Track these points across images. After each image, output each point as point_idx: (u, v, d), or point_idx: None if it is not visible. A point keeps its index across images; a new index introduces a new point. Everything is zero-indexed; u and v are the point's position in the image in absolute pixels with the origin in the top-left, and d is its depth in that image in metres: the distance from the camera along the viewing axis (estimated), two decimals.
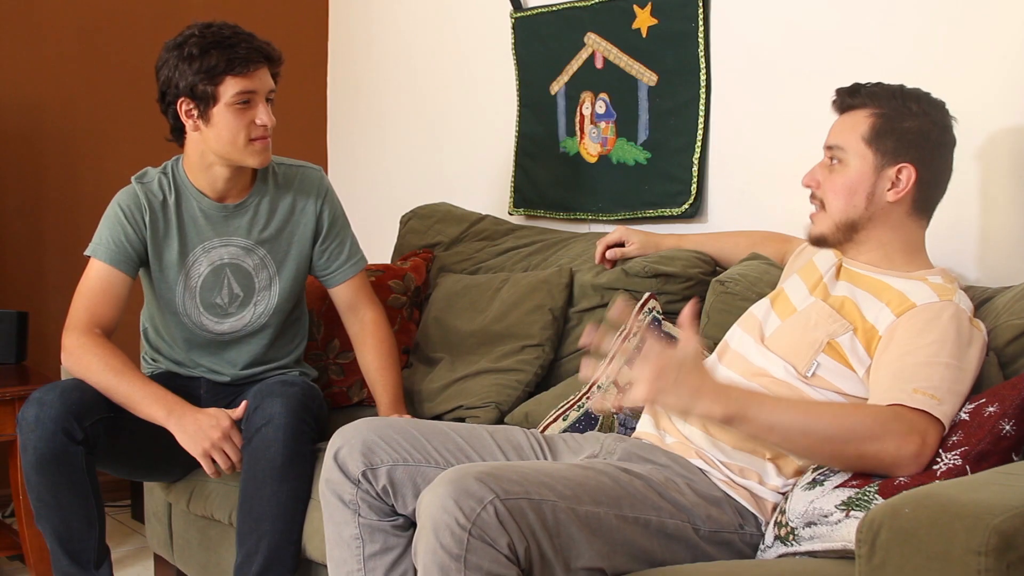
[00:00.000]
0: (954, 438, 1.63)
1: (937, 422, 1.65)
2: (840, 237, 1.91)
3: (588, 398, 2.27)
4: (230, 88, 2.32)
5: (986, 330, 1.81)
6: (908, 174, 1.85)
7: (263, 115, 2.36)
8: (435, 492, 1.60)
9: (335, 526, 1.95)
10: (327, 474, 1.95)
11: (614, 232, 2.53)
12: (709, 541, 1.76)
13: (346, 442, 1.93)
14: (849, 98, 1.93)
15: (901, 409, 1.67)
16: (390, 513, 1.93)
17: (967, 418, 1.66)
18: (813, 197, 1.94)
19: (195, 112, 2.36)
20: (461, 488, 1.59)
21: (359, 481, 1.91)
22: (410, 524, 1.98)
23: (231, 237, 2.48)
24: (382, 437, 1.93)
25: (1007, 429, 1.60)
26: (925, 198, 1.89)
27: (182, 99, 2.36)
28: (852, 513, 1.60)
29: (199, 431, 2.29)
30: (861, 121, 1.89)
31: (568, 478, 1.69)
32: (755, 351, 1.92)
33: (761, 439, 1.74)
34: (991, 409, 1.63)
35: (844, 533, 1.60)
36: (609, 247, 2.52)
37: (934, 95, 1.90)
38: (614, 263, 2.53)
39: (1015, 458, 1.61)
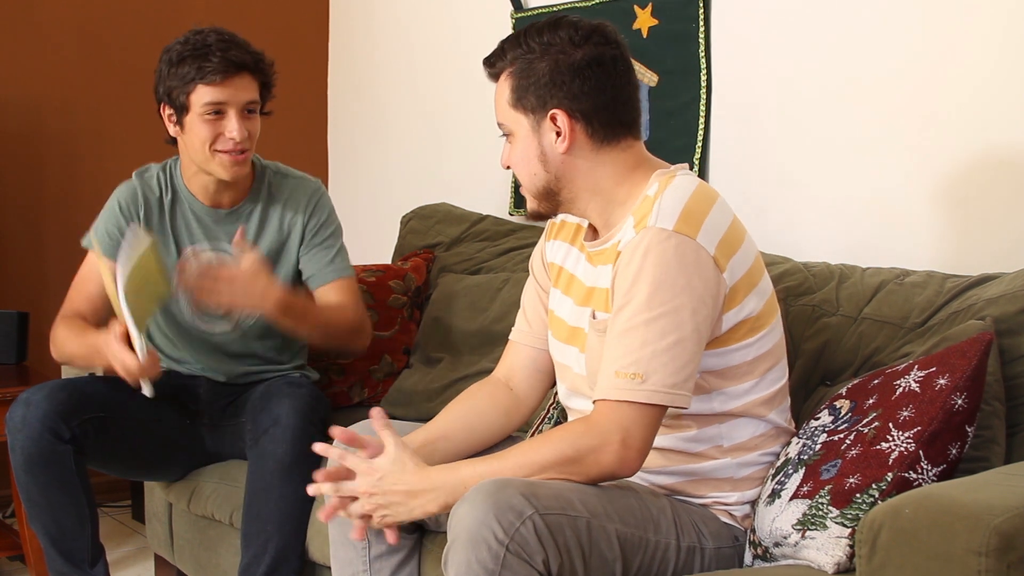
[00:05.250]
0: (905, 413, 1.58)
1: (644, 407, 1.57)
2: (548, 205, 1.80)
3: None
4: (200, 97, 2.30)
5: (721, 231, 1.65)
6: (561, 119, 1.72)
7: (233, 128, 2.31)
8: (472, 504, 1.53)
9: (341, 526, 1.92)
10: None
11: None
12: (714, 557, 1.74)
13: None
14: (490, 68, 1.80)
15: (601, 409, 1.59)
16: None
17: (918, 389, 1.59)
18: None
19: (174, 118, 2.37)
20: (501, 501, 1.51)
21: None
22: (415, 527, 1.98)
23: (221, 242, 2.47)
24: None
25: (959, 403, 1.55)
26: (602, 127, 1.74)
27: (164, 104, 2.37)
28: (808, 534, 1.57)
29: (99, 354, 2.22)
30: (504, 88, 1.77)
31: (597, 495, 1.63)
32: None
33: None
34: (942, 381, 1.58)
35: (807, 555, 1.58)
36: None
37: (574, 17, 1.73)
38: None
39: (968, 430, 1.57)
